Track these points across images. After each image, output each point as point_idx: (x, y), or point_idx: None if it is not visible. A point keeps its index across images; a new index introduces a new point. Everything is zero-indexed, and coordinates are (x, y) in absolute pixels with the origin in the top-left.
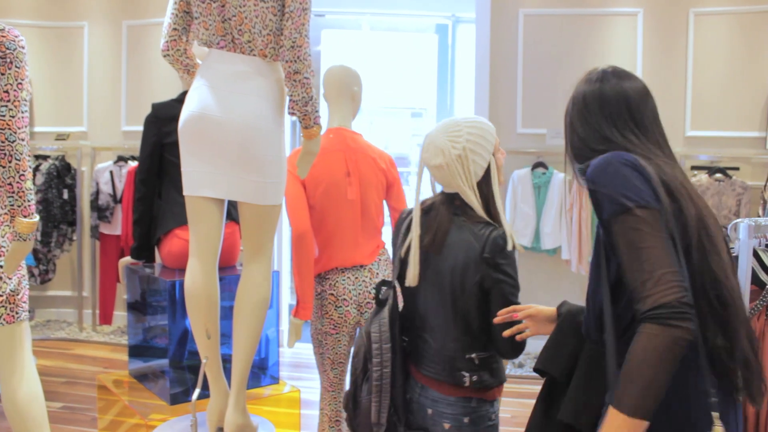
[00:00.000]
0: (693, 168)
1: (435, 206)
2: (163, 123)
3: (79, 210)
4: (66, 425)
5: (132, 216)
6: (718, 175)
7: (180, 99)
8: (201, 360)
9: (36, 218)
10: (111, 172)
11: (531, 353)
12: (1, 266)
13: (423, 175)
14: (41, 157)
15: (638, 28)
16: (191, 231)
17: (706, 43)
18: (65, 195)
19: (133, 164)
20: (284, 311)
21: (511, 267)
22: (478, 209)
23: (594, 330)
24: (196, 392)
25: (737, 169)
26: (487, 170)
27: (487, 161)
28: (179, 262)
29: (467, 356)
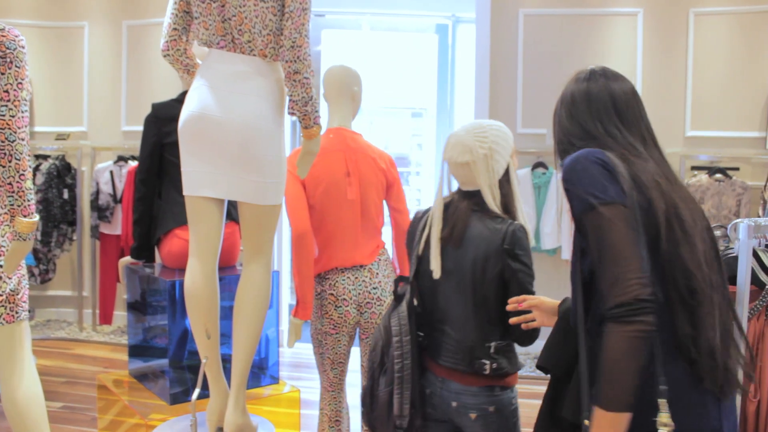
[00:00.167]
0: (693, 168)
1: (453, 202)
2: (163, 123)
3: (79, 210)
4: (66, 425)
5: (132, 216)
6: (718, 175)
7: (180, 99)
8: (201, 360)
9: (36, 218)
10: (111, 172)
11: (531, 353)
12: (1, 266)
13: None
14: (41, 157)
15: (638, 28)
16: (191, 231)
17: (706, 43)
18: (65, 195)
19: (133, 164)
20: (284, 311)
21: (529, 258)
22: (496, 206)
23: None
24: (196, 392)
25: (737, 170)
26: (507, 171)
27: (507, 162)
28: (179, 262)
29: (486, 344)
